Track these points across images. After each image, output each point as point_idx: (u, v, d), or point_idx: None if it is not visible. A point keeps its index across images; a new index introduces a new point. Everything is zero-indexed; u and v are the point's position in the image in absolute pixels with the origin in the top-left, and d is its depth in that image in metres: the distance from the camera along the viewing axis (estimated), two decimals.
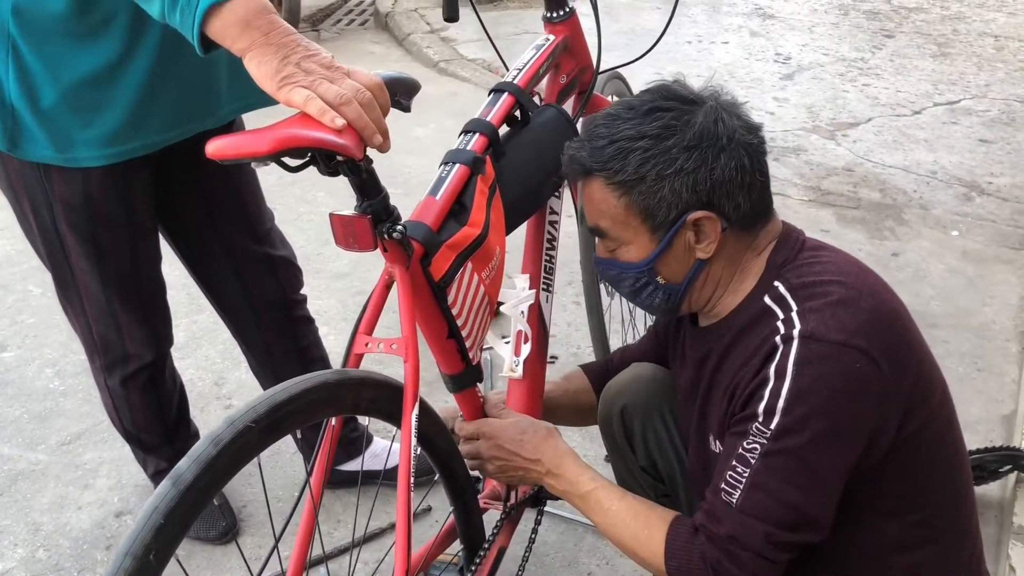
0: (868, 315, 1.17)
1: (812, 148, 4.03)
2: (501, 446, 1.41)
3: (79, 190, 1.53)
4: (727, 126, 1.23)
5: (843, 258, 1.28)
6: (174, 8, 1.12)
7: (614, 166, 1.25)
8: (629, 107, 1.28)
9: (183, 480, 0.95)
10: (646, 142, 1.23)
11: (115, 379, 1.83)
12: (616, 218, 1.28)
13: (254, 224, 1.80)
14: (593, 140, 1.28)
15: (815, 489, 1.15)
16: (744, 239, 1.28)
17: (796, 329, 1.16)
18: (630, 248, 1.29)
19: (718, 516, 1.17)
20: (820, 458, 1.14)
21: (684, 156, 1.21)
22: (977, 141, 4.09)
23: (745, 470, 1.16)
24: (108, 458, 2.26)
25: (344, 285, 2.98)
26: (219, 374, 2.56)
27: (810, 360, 1.14)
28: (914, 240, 3.26)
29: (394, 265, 1.27)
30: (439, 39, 5.40)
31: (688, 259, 1.28)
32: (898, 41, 5.42)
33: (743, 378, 1.21)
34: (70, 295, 1.71)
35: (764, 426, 1.15)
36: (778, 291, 1.23)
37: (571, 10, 1.82)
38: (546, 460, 1.37)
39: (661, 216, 1.24)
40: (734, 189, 1.23)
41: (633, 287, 1.33)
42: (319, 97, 1.09)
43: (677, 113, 1.24)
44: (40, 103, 1.43)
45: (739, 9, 6.02)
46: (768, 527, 1.14)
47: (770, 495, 1.14)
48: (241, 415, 1.03)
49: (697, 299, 1.32)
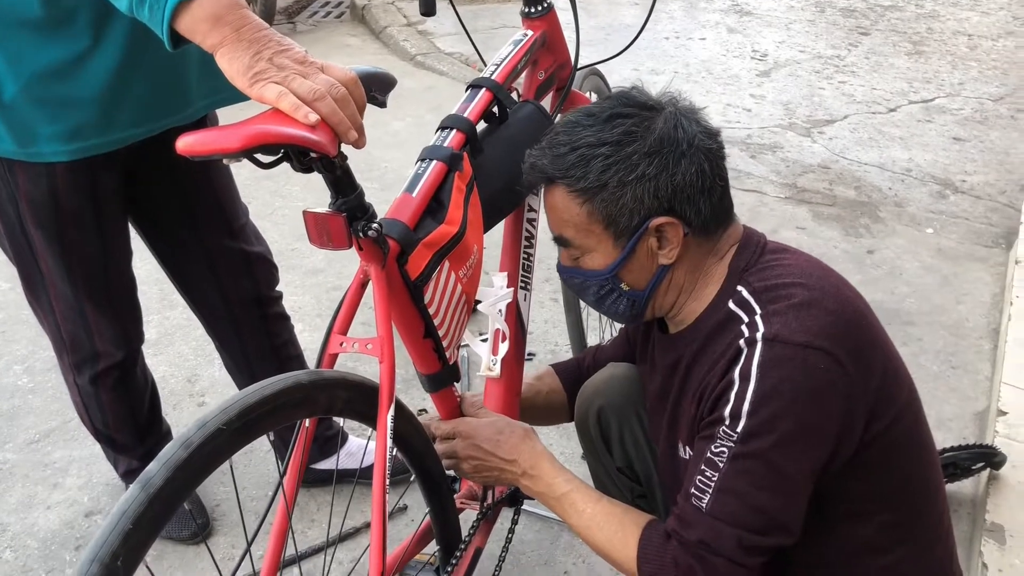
0: (831, 316, 1.17)
1: (788, 145, 4.04)
2: (478, 445, 1.39)
3: (44, 186, 1.50)
4: (687, 131, 1.23)
5: (805, 260, 1.28)
6: (142, 2, 1.10)
7: (576, 173, 1.24)
8: (589, 114, 1.27)
9: (152, 484, 0.93)
10: (607, 149, 1.23)
11: (84, 377, 1.79)
12: (579, 226, 1.27)
13: (228, 220, 1.78)
14: (554, 148, 1.27)
15: (784, 492, 1.14)
16: (706, 244, 1.28)
17: (760, 332, 1.16)
18: (594, 256, 1.29)
19: (689, 521, 1.16)
20: (787, 461, 1.14)
21: (645, 162, 1.21)
22: (951, 139, 4.12)
23: (714, 474, 1.15)
24: (78, 456, 2.22)
25: (319, 281, 2.95)
26: (192, 371, 2.53)
27: (774, 362, 1.14)
28: (889, 238, 3.28)
29: (369, 264, 1.26)
30: (416, 32, 5.37)
31: (651, 265, 1.28)
32: (874, 39, 5.45)
33: (709, 382, 1.21)
34: (38, 293, 1.68)
35: (731, 429, 1.14)
36: (741, 295, 1.23)
37: (549, 5, 1.80)
38: (522, 461, 1.36)
39: (624, 223, 1.24)
40: (695, 194, 1.23)
41: (598, 295, 1.33)
42: (292, 93, 1.07)
43: (637, 120, 1.24)
44: (2, 96, 1.39)
45: (716, 5, 6.02)
46: (739, 531, 1.13)
47: (739, 499, 1.14)
48: (213, 417, 1.01)
49: (661, 305, 1.32)
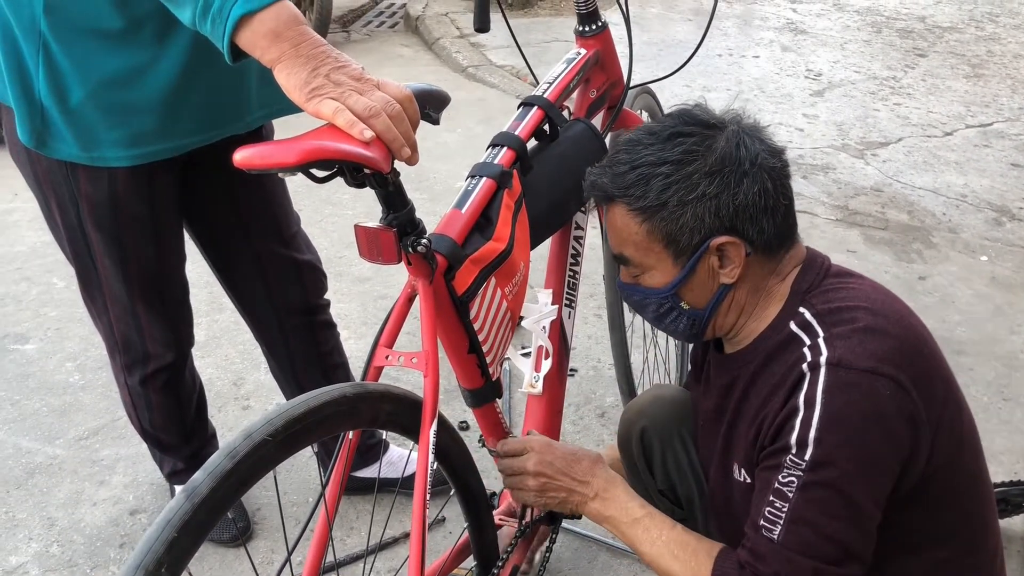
0: (896, 342, 1.16)
1: (841, 167, 3.99)
2: (551, 463, 1.39)
3: (105, 189, 1.54)
4: (749, 150, 1.22)
5: (869, 285, 1.27)
6: (205, 16, 1.12)
7: (636, 192, 1.24)
8: (650, 132, 1.27)
9: (198, 493, 0.95)
10: (668, 167, 1.22)
11: (135, 378, 1.83)
12: (639, 244, 1.27)
13: (281, 228, 1.80)
14: (615, 166, 1.28)
15: (855, 521, 1.13)
16: (768, 264, 1.27)
17: (823, 356, 1.15)
18: (654, 274, 1.28)
19: (762, 554, 1.15)
20: (857, 488, 1.12)
21: (706, 181, 1.21)
22: (1009, 165, 4.03)
23: (783, 504, 1.14)
24: (125, 455, 2.26)
25: (366, 289, 2.98)
26: (238, 374, 2.57)
27: (839, 388, 1.13)
28: (942, 264, 3.22)
29: (417, 278, 1.27)
30: (468, 44, 5.40)
31: (712, 284, 1.27)
32: (931, 61, 5.36)
33: (771, 409, 1.20)
34: (93, 293, 1.71)
35: (798, 458, 1.13)
36: (803, 317, 1.22)
37: (604, 24, 1.80)
38: (596, 483, 1.36)
39: (684, 242, 1.23)
40: (757, 213, 1.22)
41: (657, 312, 1.32)
42: (348, 109, 1.09)
43: (699, 138, 1.24)
44: (68, 102, 1.43)
45: (771, 23, 5.97)
46: (815, 563, 1.12)
47: (812, 529, 1.13)
48: (258, 428, 1.02)
49: (721, 324, 1.31)
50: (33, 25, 1.37)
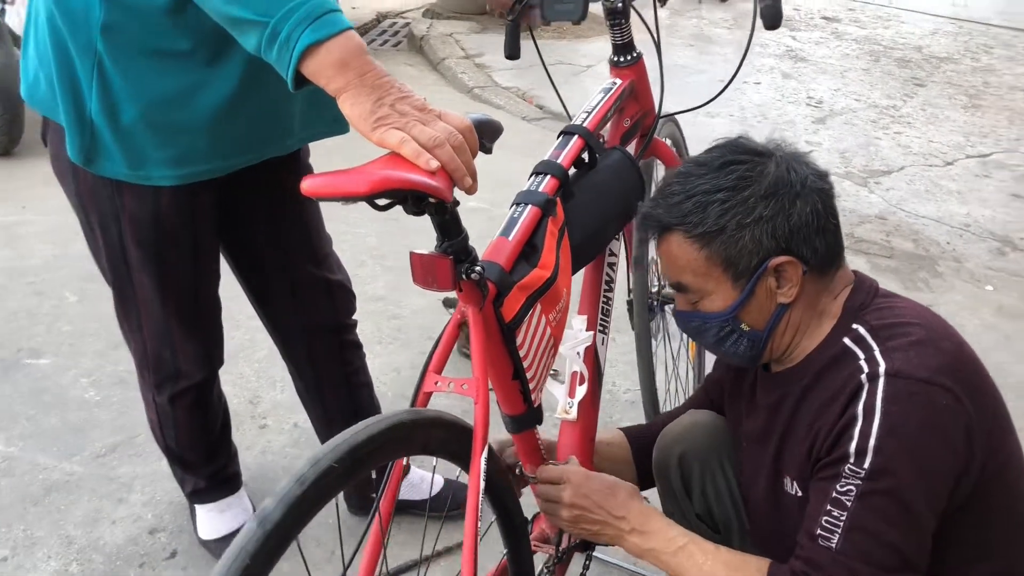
0: (949, 355, 1.20)
1: (845, 194, 4.03)
2: (587, 496, 1.39)
3: (149, 207, 1.54)
4: (799, 173, 1.27)
5: (916, 304, 1.32)
6: (272, 44, 1.14)
7: (693, 219, 1.28)
8: (700, 163, 1.32)
9: (270, 520, 0.95)
10: (724, 194, 1.27)
11: (164, 396, 1.83)
12: (698, 270, 1.30)
13: (315, 248, 1.82)
14: (668, 196, 1.31)
15: (913, 529, 1.15)
16: (821, 283, 1.31)
17: (881, 367, 1.19)
18: (713, 299, 1.31)
19: (819, 563, 1.17)
20: (915, 497, 1.15)
21: (762, 204, 1.25)
22: (1010, 196, 4.09)
23: (841, 513, 1.16)
24: (142, 473, 2.25)
25: (379, 308, 2.98)
26: (254, 392, 2.56)
27: (898, 397, 1.16)
28: (948, 293, 3.26)
29: (467, 305, 1.28)
30: (474, 65, 5.44)
31: (770, 305, 1.30)
32: (929, 90, 5.44)
33: (827, 419, 1.23)
34: (129, 310, 1.72)
35: (857, 466, 1.16)
36: (858, 332, 1.26)
37: (639, 55, 1.83)
38: (632, 518, 1.36)
39: (743, 264, 1.27)
40: (811, 233, 1.26)
41: (718, 336, 1.35)
42: (413, 139, 1.10)
43: (750, 165, 1.28)
44: (120, 120, 1.44)
45: (771, 50, 6.05)
46: (872, 570, 1.14)
47: (870, 537, 1.15)
48: (324, 455, 1.03)
49: (779, 345, 1.35)
50: (89, 44, 1.38)
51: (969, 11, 7.15)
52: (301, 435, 2.40)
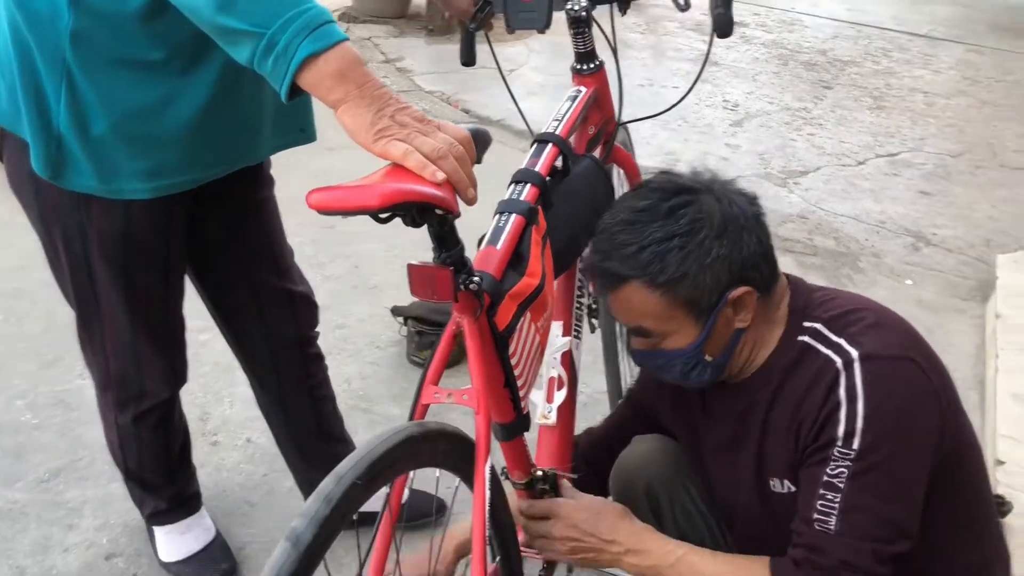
0: (903, 331, 1.31)
1: (766, 195, 4.15)
2: (576, 526, 1.41)
3: (119, 222, 1.50)
4: (739, 206, 1.34)
5: (849, 292, 1.43)
6: (267, 55, 1.12)
7: (654, 268, 1.31)
8: (641, 210, 1.34)
9: (303, 540, 0.94)
10: (679, 240, 1.31)
11: (127, 416, 1.77)
12: (660, 315, 1.34)
13: (277, 260, 1.79)
14: (620, 248, 1.34)
15: (905, 499, 1.23)
16: (769, 300, 1.38)
17: (854, 353, 1.26)
18: (675, 338, 1.36)
19: (820, 546, 1.22)
20: (906, 469, 1.23)
21: (717, 244, 1.30)
22: (918, 193, 4.29)
23: (835, 496, 1.23)
24: (92, 496, 2.17)
25: (323, 318, 2.90)
26: (202, 408, 2.50)
27: (878, 377, 1.24)
28: (871, 288, 3.39)
29: (463, 315, 1.28)
30: (395, 69, 5.41)
31: (728, 332, 1.36)
32: (836, 93, 5.66)
33: (808, 410, 1.29)
34: (92, 329, 1.66)
35: (846, 448, 1.23)
36: (814, 329, 1.34)
37: (601, 63, 1.86)
38: (623, 539, 1.38)
39: (705, 302, 1.32)
40: (759, 260, 1.34)
41: (683, 371, 1.39)
42: (416, 151, 1.10)
43: (696, 207, 1.32)
44: (90, 132, 1.39)
45: (685, 55, 6.19)
46: (874, 544, 1.20)
47: (867, 514, 1.21)
48: (346, 472, 1.02)
49: (737, 363, 1.41)
50: (57, 52, 1.33)
51: (865, 16, 7.46)
52: (255, 451, 2.35)
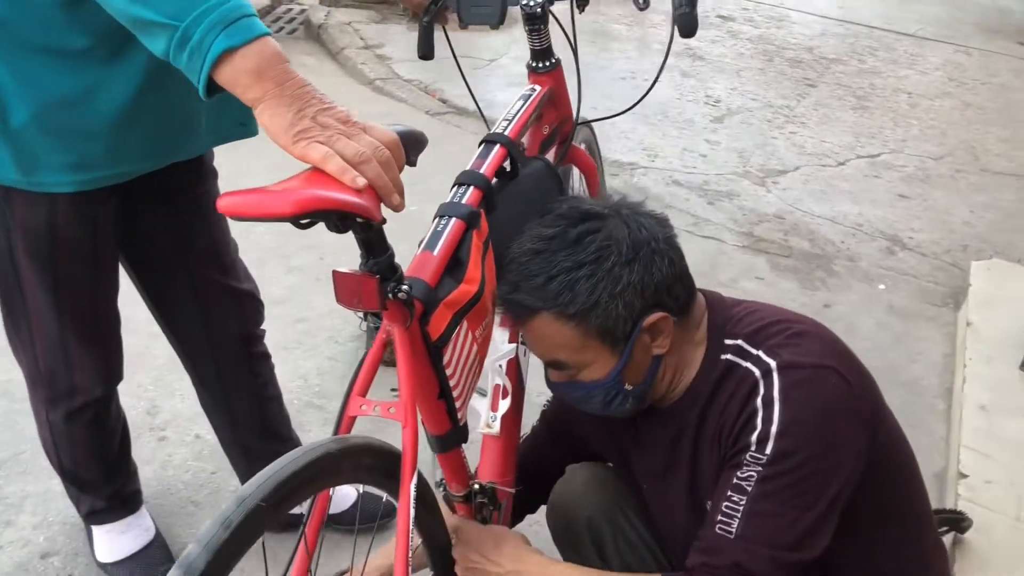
0: (824, 340, 1.28)
1: (744, 193, 4.12)
2: (469, 545, 1.39)
3: (43, 216, 1.44)
4: (649, 229, 1.30)
5: (766, 305, 1.40)
6: (182, 48, 1.06)
7: (564, 299, 1.27)
8: (549, 239, 1.31)
9: (195, 568, 0.89)
10: (588, 268, 1.27)
11: (58, 413, 1.71)
12: (574, 347, 1.30)
13: (220, 256, 1.73)
14: (528, 279, 1.30)
15: (813, 508, 1.19)
16: (687, 322, 1.35)
17: (772, 364, 1.24)
18: (593, 368, 1.32)
19: (717, 549, 1.19)
20: (817, 477, 1.19)
21: (627, 270, 1.27)
22: (897, 196, 4.26)
23: (741, 498, 1.20)
24: (32, 492, 2.12)
25: (283, 312, 2.87)
26: (152, 402, 2.44)
27: (794, 385, 1.21)
28: (844, 292, 3.36)
29: (393, 324, 1.23)
30: (374, 56, 5.33)
31: (647, 359, 1.33)
32: (820, 91, 5.61)
33: (727, 420, 1.26)
34: (18, 323, 1.60)
35: (758, 452, 1.20)
36: (735, 345, 1.31)
37: (557, 61, 1.81)
38: (504, 561, 1.36)
39: (619, 331, 1.28)
40: (672, 283, 1.30)
41: (604, 401, 1.35)
42: (338, 154, 1.05)
43: (604, 233, 1.29)
44: (9, 123, 1.33)
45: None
46: (772, 551, 1.17)
47: (770, 520, 1.18)
48: (250, 493, 0.97)
49: (660, 388, 1.37)
50: None
51: (854, 14, 7.41)
52: (203, 447, 2.30)
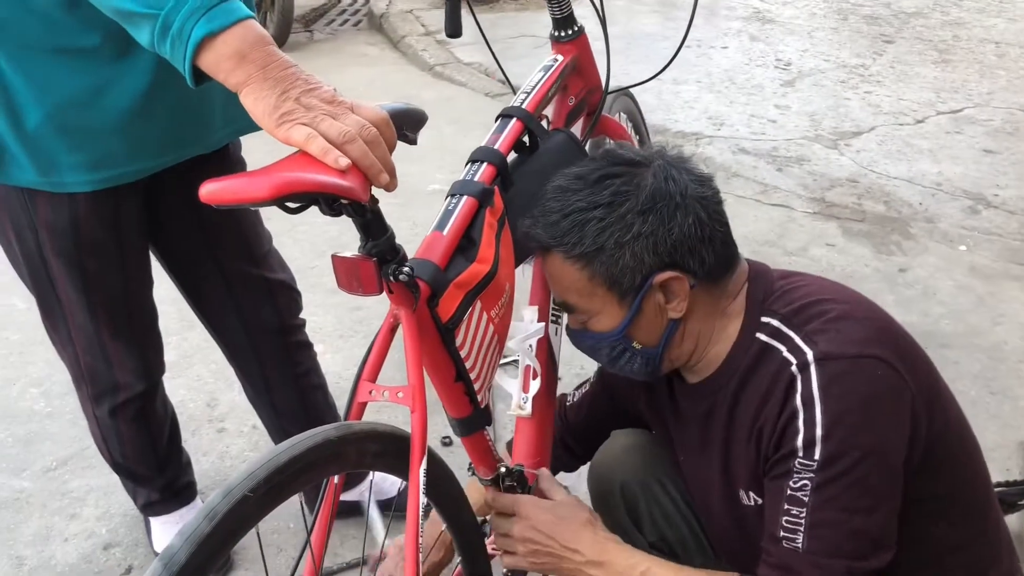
0: (869, 324, 1.17)
1: (815, 158, 3.96)
2: (536, 528, 1.30)
3: (65, 216, 1.46)
4: (678, 183, 1.21)
5: (818, 279, 1.29)
6: (164, 37, 1.05)
7: (571, 239, 1.23)
8: (578, 177, 1.26)
9: (175, 562, 0.88)
10: (600, 211, 1.21)
11: (103, 409, 1.75)
12: (582, 291, 1.25)
13: (251, 247, 1.73)
14: (546, 215, 1.26)
15: (875, 510, 1.12)
16: (716, 290, 1.26)
17: (809, 355, 1.15)
18: (601, 318, 1.27)
19: (789, 565, 1.12)
20: (873, 475, 1.11)
21: (640, 220, 1.20)
22: (982, 151, 4.03)
23: (800, 511, 1.12)
24: (96, 485, 2.18)
25: (341, 300, 2.89)
26: (211, 395, 2.49)
27: (834, 380, 1.12)
28: (921, 255, 3.20)
29: (399, 307, 1.20)
30: (435, 42, 5.32)
31: (661, 321, 1.25)
32: (899, 47, 5.36)
33: (767, 419, 1.18)
34: (56, 323, 1.64)
35: (807, 459, 1.12)
36: (770, 325, 1.22)
37: (580, 28, 1.75)
38: (585, 549, 1.27)
39: (627, 283, 1.22)
40: (696, 244, 1.21)
41: (610, 355, 1.30)
42: (321, 135, 1.02)
43: (627, 178, 1.23)
44: (24, 125, 1.35)
45: (738, 13, 5.94)
46: (846, 562, 1.10)
47: (835, 529, 1.11)
48: (238, 483, 0.95)
49: (678, 355, 1.30)
50: None
51: None
52: (260, 438, 2.32)
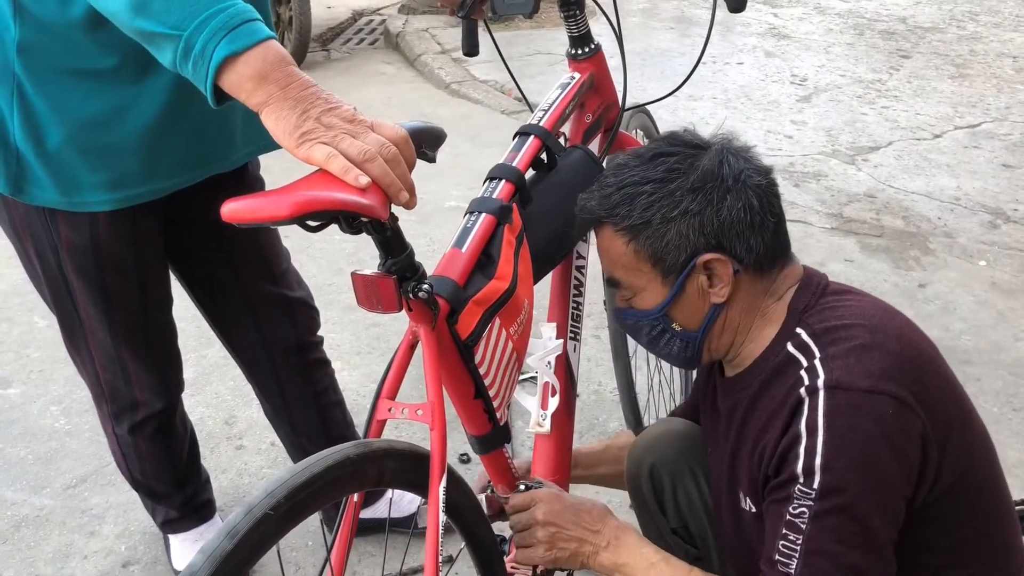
0: (893, 357, 1.14)
1: (832, 173, 3.95)
2: (560, 512, 1.33)
3: (86, 235, 1.47)
4: (732, 167, 1.22)
5: (869, 301, 1.25)
6: (186, 58, 1.06)
7: (621, 212, 1.25)
8: (637, 155, 1.29)
9: None
10: (651, 186, 1.23)
11: (123, 427, 1.76)
12: (627, 265, 1.27)
13: (270, 265, 1.74)
14: (602, 188, 1.29)
15: (871, 546, 1.10)
16: (761, 283, 1.25)
17: (820, 379, 1.13)
18: (644, 296, 1.28)
19: None
20: (870, 512, 1.09)
21: (689, 198, 1.21)
22: (1000, 166, 4.01)
23: (797, 537, 1.11)
24: (115, 503, 2.18)
25: (358, 317, 2.90)
26: (230, 412, 2.49)
27: (841, 411, 1.10)
28: (940, 270, 3.18)
29: (419, 324, 1.20)
30: (451, 60, 5.35)
31: (703, 305, 1.25)
32: (915, 62, 5.35)
33: (770, 437, 1.17)
34: (77, 341, 1.65)
35: (807, 487, 1.10)
36: (801, 338, 1.20)
37: (597, 46, 1.75)
38: (607, 532, 1.30)
39: (671, 260, 1.23)
40: (744, 230, 1.21)
41: (650, 335, 1.31)
42: (341, 154, 1.03)
43: (681, 157, 1.24)
44: (46, 145, 1.37)
45: (753, 29, 5.95)
46: None
47: (829, 560, 1.09)
48: (259, 502, 0.96)
49: (717, 346, 1.29)
50: (6, 66, 1.31)
51: None
52: (278, 454, 2.33)
